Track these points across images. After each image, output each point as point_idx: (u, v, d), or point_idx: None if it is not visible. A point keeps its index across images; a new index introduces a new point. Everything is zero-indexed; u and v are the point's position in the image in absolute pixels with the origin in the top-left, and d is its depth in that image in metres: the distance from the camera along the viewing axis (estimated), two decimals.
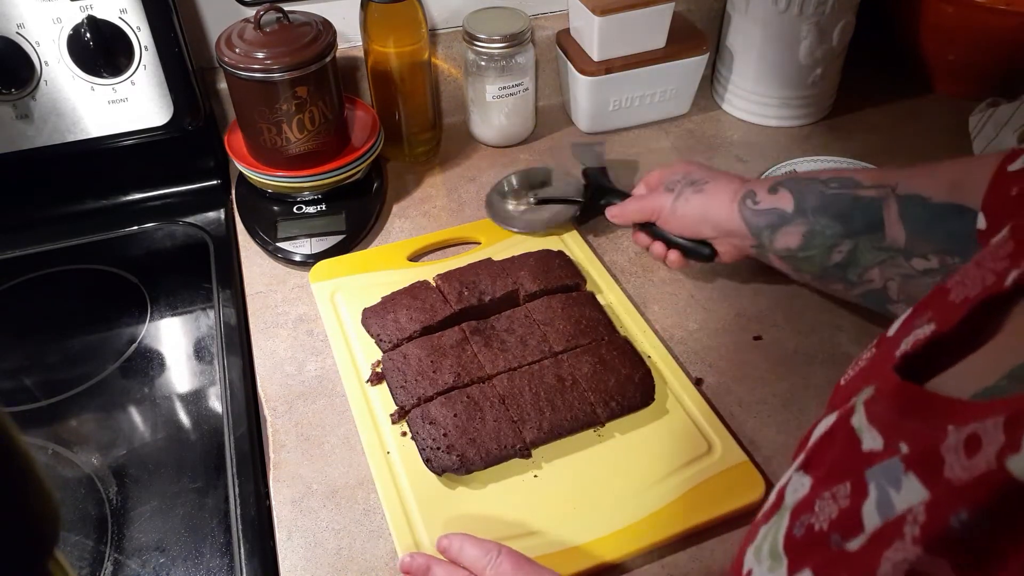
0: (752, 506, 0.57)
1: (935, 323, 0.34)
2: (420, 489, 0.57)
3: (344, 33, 0.86)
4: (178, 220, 0.84)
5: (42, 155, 0.78)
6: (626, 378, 0.62)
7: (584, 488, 0.58)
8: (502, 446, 0.58)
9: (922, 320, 0.35)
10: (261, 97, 0.73)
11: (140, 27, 0.75)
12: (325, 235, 0.78)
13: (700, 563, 0.55)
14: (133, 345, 0.71)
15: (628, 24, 0.85)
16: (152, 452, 0.63)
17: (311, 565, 0.55)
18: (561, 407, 0.60)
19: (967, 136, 0.89)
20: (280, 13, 0.73)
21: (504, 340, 0.65)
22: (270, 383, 0.67)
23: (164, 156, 0.84)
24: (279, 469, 0.60)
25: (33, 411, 0.66)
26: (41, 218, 0.83)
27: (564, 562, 0.53)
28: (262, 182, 0.80)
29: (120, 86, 0.77)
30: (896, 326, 0.38)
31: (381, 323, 0.67)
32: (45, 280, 0.79)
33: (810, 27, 0.86)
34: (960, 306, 0.33)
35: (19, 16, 0.72)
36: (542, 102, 0.97)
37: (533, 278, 0.70)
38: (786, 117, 0.95)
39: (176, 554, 0.56)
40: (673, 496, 0.57)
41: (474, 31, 0.84)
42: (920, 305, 0.37)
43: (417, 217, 0.83)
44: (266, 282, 0.76)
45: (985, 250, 0.36)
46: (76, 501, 0.59)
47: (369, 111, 0.85)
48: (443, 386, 0.62)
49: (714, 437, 0.60)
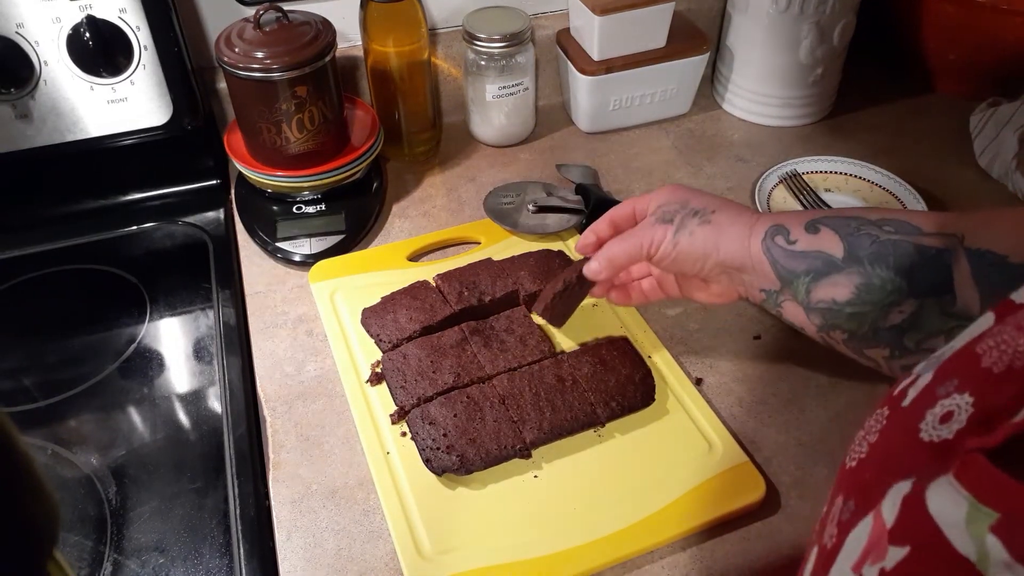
0: (752, 506, 0.57)
1: (971, 394, 0.27)
2: (420, 489, 0.57)
3: (344, 33, 0.86)
4: (177, 220, 0.84)
5: (41, 155, 0.78)
6: (626, 378, 0.62)
7: (584, 488, 0.57)
8: (502, 446, 0.58)
9: (948, 388, 0.28)
10: (260, 97, 0.73)
11: (139, 27, 0.75)
12: (325, 235, 0.78)
13: (700, 563, 0.54)
14: (132, 345, 0.71)
15: (628, 23, 0.85)
16: (151, 452, 0.62)
17: (311, 565, 0.55)
18: (561, 407, 0.60)
19: (968, 136, 0.89)
20: (279, 12, 0.73)
21: (504, 340, 0.65)
22: (269, 383, 0.67)
23: (163, 156, 0.83)
24: (278, 469, 0.60)
25: (32, 411, 0.66)
26: (40, 218, 0.83)
27: (564, 562, 0.53)
28: (262, 182, 0.80)
29: (119, 86, 0.77)
30: (913, 394, 0.30)
31: (381, 323, 0.67)
32: (44, 280, 0.78)
33: (811, 27, 0.86)
34: (1006, 378, 0.26)
35: (19, 16, 0.72)
36: (542, 102, 0.97)
37: (533, 278, 0.70)
38: (787, 117, 0.95)
39: (175, 554, 0.56)
40: (673, 496, 0.57)
41: (474, 31, 0.84)
42: (941, 370, 0.30)
43: (417, 217, 0.83)
44: (266, 282, 0.76)
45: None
46: (75, 501, 0.59)
47: (369, 111, 0.85)
48: (443, 386, 0.62)
49: (714, 437, 0.60)
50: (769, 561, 0.55)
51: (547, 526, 0.55)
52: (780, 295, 0.54)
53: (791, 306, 0.54)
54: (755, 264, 0.54)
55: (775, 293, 0.54)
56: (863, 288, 0.50)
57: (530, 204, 0.80)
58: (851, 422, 0.63)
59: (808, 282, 0.52)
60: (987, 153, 0.86)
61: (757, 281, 0.55)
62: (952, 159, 0.89)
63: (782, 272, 0.53)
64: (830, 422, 0.63)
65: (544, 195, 0.81)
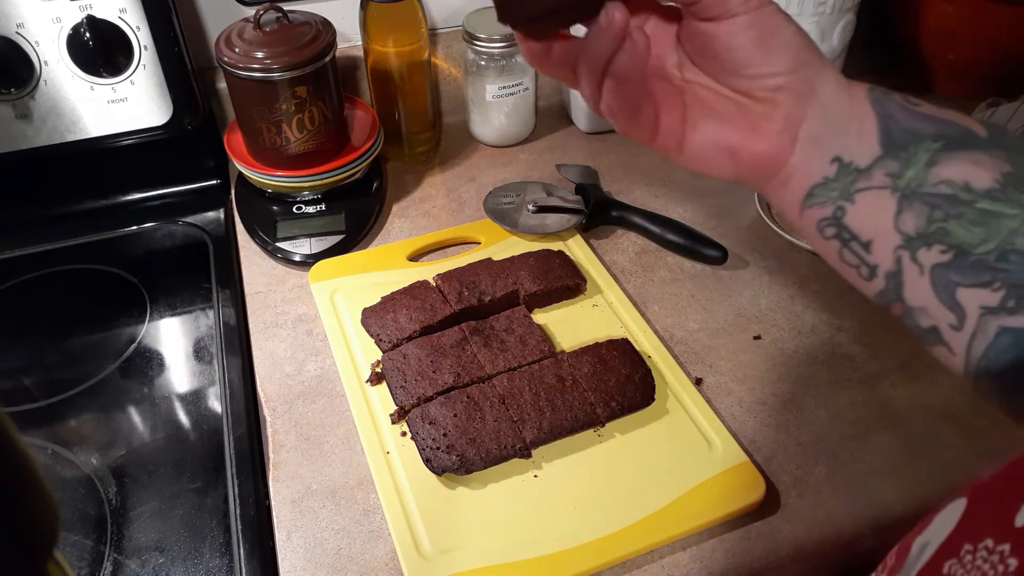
0: (752, 506, 0.57)
1: None
2: (420, 489, 0.57)
3: (344, 33, 0.86)
4: (177, 220, 0.84)
5: (41, 155, 0.78)
6: (626, 378, 0.62)
7: (584, 488, 0.57)
8: (502, 446, 0.58)
9: None
10: (260, 97, 0.73)
11: (139, 27, 0.75)
12: (325, 235, 0.78)
13: (700, 563, 0.54)
14: (132, 345, 0.71)
15: None
16: (151, 452, 0.62)
17: (311, 565, 0.55)
18: (561, 407, 0.60)
19: None
20: (279, 12, 0.73)
21: (504, 340, 0.65)
22: (269, 383, 0.67)
23: (163, 156, 0.83)
24: (279, 469, 0.60)
25: (32, 411, 0.66)
26: (40, 218, 0.83)
27: (564, 562, 0.53)
28: (261, 182, 0.80)
29: (119, 86, 0.77)
30: None
31: (381, 323, 0.67)
32: (44, 280, 0.78)
33: (810, 27, 0.86)
34: None
35: (19, 16, 0.72)
36: (542, 102, 0.97)
37: (533, 278, 0.70)
38: None
39: (175, 554, 0.56)
40: (673, 496, 0.57)
41: (474, 31, 0.84)
42: None
43: (417, 217, 0.83)
44: (266, 282, 0.76)
45: None
46: (75, 501, 0.59)
47: (369, 111, 0.85)
48: (443, 386, 0.62)
49: (714, 437, 0.60)
50: (769, 561, 0.55)
51: (547, 526, 0.55)
52: (865, 173, 0.36)
53: (872, 198, 0.36)
54: (845, 110, 0.37)
55: (854, 170, 0.36)
56: (1013, 179, 0.34)
57: (530, 204, 0.80)
58: (851, 422, 0.63)
59: (936, 150, 0.35)
60: None
61: (836, 141, 0.37)
62: None
63: (896, 132, 0.36)
64: (830, 422, 0.63)
65: (544, 195, 0.81)
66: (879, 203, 0.36)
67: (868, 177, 0.36)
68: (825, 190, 0.37)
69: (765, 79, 0.38)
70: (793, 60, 0.37)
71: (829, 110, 0.37)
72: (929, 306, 0.35)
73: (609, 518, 0.55)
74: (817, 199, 0.38)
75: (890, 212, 0.35)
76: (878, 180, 0.36)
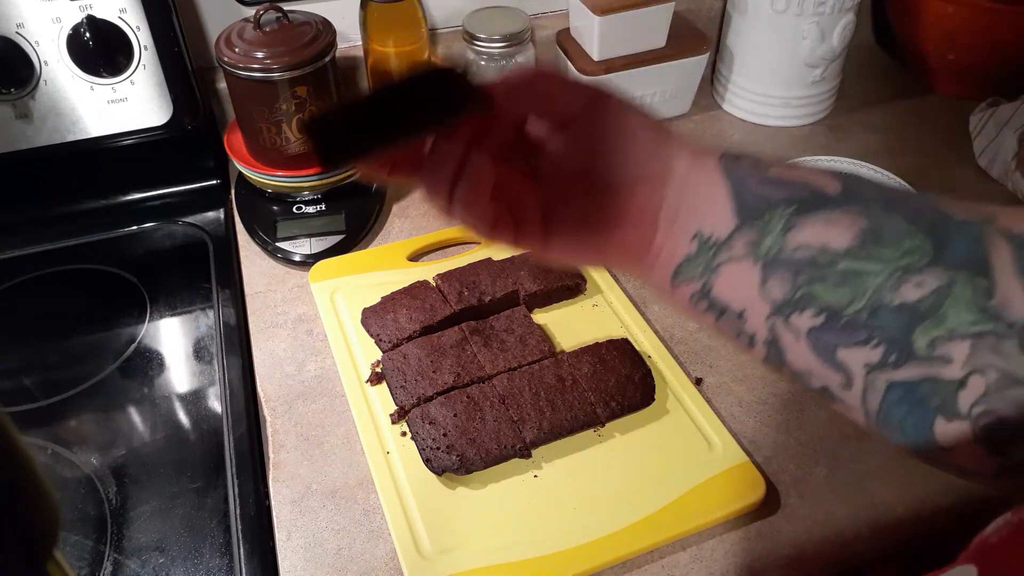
0: (752, 506, 0.57)
1: None
2: (420, 489, 0.57)
3: (344, 33, 0.86)
4: (177, 220, 0.84)
5: (41, 155, 0.78)
6: (626, 378, 0.62)
7: (584, 488, 0.57)
8: (502, 446, 0.58)
9: None
10: (261, 97, 0.73)
11: (139, 27, 0.75)
12: (325, 235, 0.78)
13: (700, 563, 0.54)
14: (132, 345, 0.71)
15: (628, 24, 0.85)
16: (151, 452, 0.62)
17: (311, 565, 0.55)
18: (561, 407, 0.60)
19: (967, 136, 0.89)
20: (280, 13, 0.73)
21: (504, 340, 0.65)
22: (269, 383, 0.67)
23: (163, 156, 0.83)
24: (279, 469, 0.60)
25: (32, 411, 0.66)
26: (40, 218, 0.83)
27: (564, 563, 0.53)
28: (262, 182, 0.80)
29: (119, 86, 0.77)
30: None
31: (381, 323, 0.67)
32: (44, 280, 0.78)
33: (810, 27, 0.86)
34: None
35: (19, 16, 0.72)
36: None
37: (533, 278, 0.70)
38: (787, 117, 0.95)
39: (175, 554, 0.56)
40: (673, 496, 0.57)
41: (474, 31, 0.84)
42: None
43: (417, 217, 0.83)
44: (266, 282, 0.76)
45: None
46: (75, 501, 0.59)
47: None
48: (443, 386, 0.62)
49: (714, 437, 0.60)
50: (769, 561, 0.55)
51: (547, 526, 0.55)
52: (725, 245, 0.36)
53: (735, 270, 0.35)
54: (699, 185, 0.37)
55: (714, 244, 0.36)
56: (871, 235, 0.33)
57: None
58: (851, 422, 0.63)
59: (790, 215, 0.34)
60: (987, 153, 0.86)
61: (694, 217, 0.37)
62: (952, 159, 0.89)
63: (750, 200, 0.35)
64: (830, 422, 0.63)
65: None
66: (743, 274, 0.35)
67: (729, 248, 0.35)
68: (690, 266, 0.37)
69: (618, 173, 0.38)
70: (646, 148, 0.37)
71: (684, 188, 0.37)
72: (813, 368, 0.35)
73: (609, 518, 0.55)
74: (684, 276, 0.38)
75: (755, 281, 0.35)
76: (739, 251, 0.35)
